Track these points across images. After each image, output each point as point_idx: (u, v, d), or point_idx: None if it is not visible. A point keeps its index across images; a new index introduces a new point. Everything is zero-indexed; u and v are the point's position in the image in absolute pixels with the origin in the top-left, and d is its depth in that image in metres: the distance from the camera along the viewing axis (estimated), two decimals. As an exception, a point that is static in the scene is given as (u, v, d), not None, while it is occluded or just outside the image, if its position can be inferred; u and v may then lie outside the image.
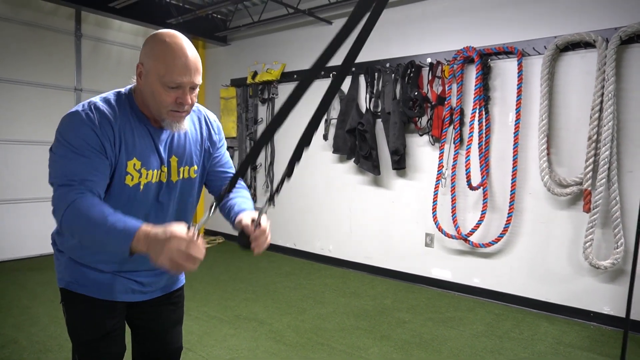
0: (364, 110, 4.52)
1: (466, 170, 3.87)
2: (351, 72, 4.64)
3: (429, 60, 4.11)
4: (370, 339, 3.06)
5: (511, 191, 3.69)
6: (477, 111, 3.81)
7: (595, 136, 3.23)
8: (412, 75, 4.13)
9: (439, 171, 4.03)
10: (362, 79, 4.60)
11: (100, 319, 1.37)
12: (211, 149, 1.47)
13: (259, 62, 5.52)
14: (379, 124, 4.44)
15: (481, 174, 3.82)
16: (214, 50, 6.16)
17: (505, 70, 3.78)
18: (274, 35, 5.47)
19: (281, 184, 1.12)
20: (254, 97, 5.62)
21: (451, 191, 3.97)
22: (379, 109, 4.40)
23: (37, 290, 3.83)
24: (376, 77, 4.44)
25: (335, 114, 4.76)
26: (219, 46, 6.06)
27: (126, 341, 1.49)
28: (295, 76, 5.17)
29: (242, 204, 1.37)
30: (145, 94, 1.26)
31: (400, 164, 4.23)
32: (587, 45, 3.36)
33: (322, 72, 4.57)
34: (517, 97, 3.64)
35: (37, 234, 4.77)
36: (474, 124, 3.83)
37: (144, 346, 1.55)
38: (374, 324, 3.31)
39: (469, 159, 3.89)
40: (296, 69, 5.17)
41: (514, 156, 3.67)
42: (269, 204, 1.16)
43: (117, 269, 1.38)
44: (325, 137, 4.87)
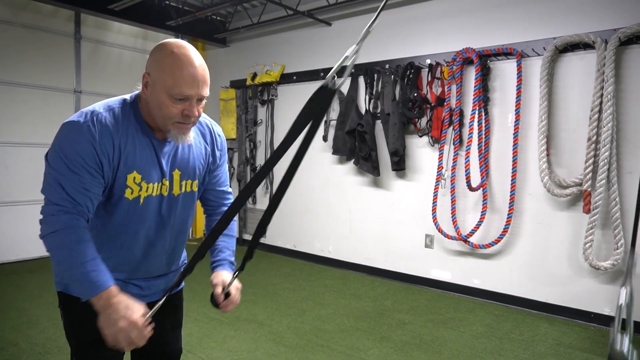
0: (363, 111, 4.52)
1: (466, 171, 3.87)
2: (350, 73, 4.64)
3: (429, 61, 4.11)
4: (370, 340, 3.06)
5: (511, 192, 3.69)
6: (477, 112, 3.81)
7: (594, 137, 3.23)
8: (411, 76, 4.14)
9: (438, 172, 4.03)
10: (361, 80, 4.61)
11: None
12: (212, 165, 1.46)
13: (259, 64, 5.52)
14: (379, 125, 4.44)
15: (481, 175, 3.82)
16: (214, 51, 6.16)
17: (504, 71, 3.78)
18: (273, 36, 5.47)
19: (250, 255, 1.22)
20: (254, 98, 5.63)
21: (451, 192, 3.97)
22: (379, 110, 4.40)
23: (36, 292, 3.83)
24: (375, 78, 4.45)
25: (334, 115, 4.77)
26: (218, 48, 6.06)
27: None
28: (295, 77, 5.18)
29: (224, 252, 1.44)
30: (150, 105, 1.23)
31: (399, 165, 4.23)
32: (586, 46, 3.36)
33: (322, 74, 4.52)
34: (516, 98, 3.64)
35: (36, 236, 4.68)
36: (473, 125, 3.83)
37: (142, 349, 1.53)
38: (373, 325, 3.31)
39: (469, 160, 3.89)
40: (295, 70, 5.18)
41: (513, 157, 3.67)
42: (241, 269, 1.29)
43: (122, 278, 1.37)
44: (324, 138, 4.87)
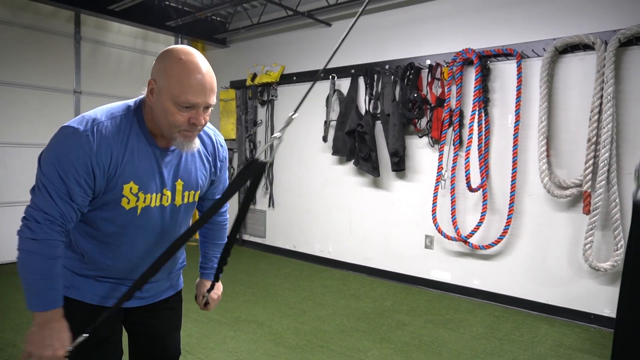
0: (363, 112, 4.52)
1: (466, 172, 3.87)
2: (350, 74, 4.65)
3: (428, 62, 4.11)
4: (370, 341, 3.06)
5: (511, 193, 3.69)
6: (477, 113, 3.81)
7: (594, 138, 3.23)
8: (411, 77, 4.14)
9: (438, 173, 4.02)
10: (361, 81, 4.61)
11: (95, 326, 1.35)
12: (213, 175, 1.46)
13: (258, 64, 5.52)
14: (379, 125, 4.44)
15: (481, 175, 3.82)
16: (213, 52, 6.16)
17: (504, 72, 3.78)
18: (273, 37, 5.47)
19: (221, 271, 1.44)
20: (254, 99, 5.62)
21: (451, 193, 3.97)
22: (379, 111, 4.40)
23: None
24: (375, 79, 4.45)
25: (334, 115, 4.77)
26: (218, 48, 6.06)
27: (123, 345, 1.48)
28: (294, 78, 5.18)
29: (212, 260, 1.59)
30: (156, 112, 1.21)
31: (399, 165, 4.23)
32: (586, 47, 3.36)
33: (322, 74, 4.50)
34: (516, 99, 3.64)
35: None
36: (473, 125, 3.83)
37: (141, 351, 1.53)
38: (373, 326, 3.31)
39: (469, 161, 3.89)
40: (295, 71, 5.18)
41: (513, 158, 3.67)
42: (218, 277, 1.49)
43: (117, 282, 1.36)
44: (324, 138, 4.87)
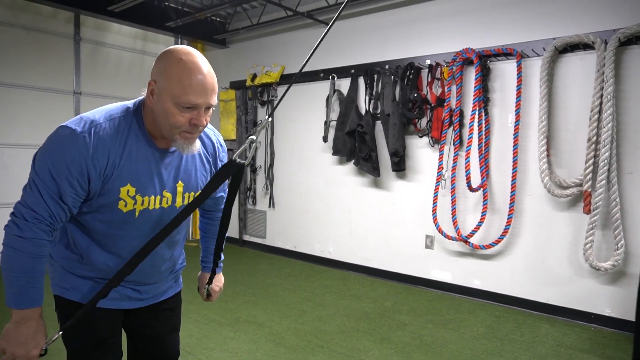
0: (363, 112, 4.51)
1: (466, 171, 3.86)
2: (350, 74, 4.65)
3: (428, 61, 4.11)
4: (370, 341, 3.05)
5: (511, 193, 3.69)
6: (477, 113, 3.81)
7: (594, 137, 3.23)
8: (411, 77, 4.13)
9: (438, 173, 4.02)
10: (361, 81, 4.60)
11: (95, 327, 1.35)
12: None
13: (258, 65, 5.52)
14: (379, 125, 4.44)
15: (481, 175, 3.81)
16: (213, 52, 6.16)
17: (504, 71, 3.78)
18: (272, 37, 5.47)
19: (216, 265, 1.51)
20: (254, 99, 5.62)
21: (451, 193, 3.97)
22: (379, 111, 4.40)
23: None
24: (375, 79, 4.44)
25: (334, 115, 4.77)
26: (218, 49, 6.06)
27: (123, 346, 1.48)
28: (294, 78, 5.17)
29: (212, 253, 1.55)
30: (156, 113, 1.19)
31: (400, 165, 4.23)
32: (585, 46, 3.36)
33: (322, 75, 4.53)
34: (516, 98, 3.64)
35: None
36: (473, 125, 3.83)
37: (140, 353, 1.52)
38: (374, 327, 3.30)
39: (469, 161, 3.89)
40: (295, 71, 5.18)
41: (513, 157, 3.67)
42: (215, 272, 1.56)
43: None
44: (324, 139, 4.87)
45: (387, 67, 4.38)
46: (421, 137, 4.18)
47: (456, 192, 3.96)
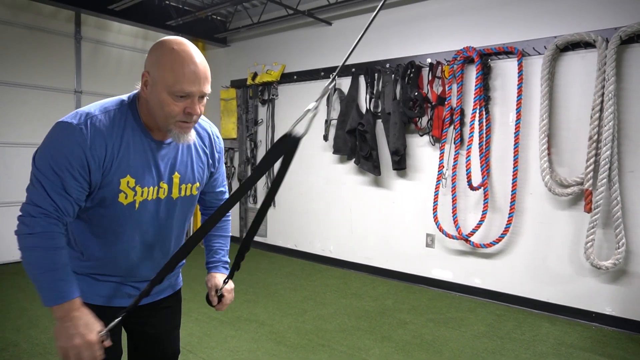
0: (364, 110, 4.51)
1: (467, 170, 3.86)
2: (351, 73, 4.64)
3: (429, 60, 4.10)
4: (371, 340, 3.06)
5: (512, 191, 3.68)
6: (478, 111, 3.81)
7: (596, 136, 3.23)
8: (412, 75, 4.13)
9: (439, 171, 4.02)
10: (362, 80, 4.60)
11: None
12: (212, 167, 1.46)
13: (259, 63, 5.52)
14: (379, 124, 4.44)
15: (482, 174, 3.81)
16: (214, 51, 6.16)
17: (505, 70, 3.77)
18: (273, 36, 5.47)
19: (237, 268, 1.38)
20: (254, 98, 5.62)
21: (452, 191, 3.96)
22: (379, 110, 4.39)
23: (37, 293, 3.82)
24: (376, 77, 4.44)
25: (335, 114, 4.76)
26: (218, 47, 6.06)
27: (123, 345, 1.48)
28: (295, 77, 5.18)
29: (218, 253, 1.52)
30: (151, 104, 1.21)
31: (400, 164, 4.22)
32: (587, 45, 3.36)
33: (322, 73, 4.53)
34: (517, 97, 3.63)
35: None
36: (474, 124, 3.83)
37: (140, 351, 1.52)
38: (375, 325, 3.31)
39: (470, 159, 3.89)
40: (296, 70, 5.17)
41: (514, 156, 3.66)
42: (233, 273, 1.41)
43: (118, 280, 1.36)
44: (325, 137, 4.87)
45: (387, 65, 4.37)
46: (422, 135, 4.18)
47: (457, 191, 3.96)
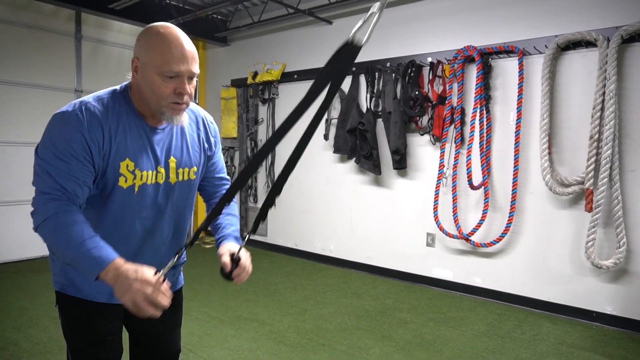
0: (364, 109, 4.51)
1: (467, 169, 3.85)
2: (351, 72, 4.63)
3: (430, 59, 4.10)
4: (371, 339, 3.05)
5: (512, 190, 3.68)
6: (478, 110, 3.80)
7: (596, 135, 3.22)
8: (412, 74, 4.12)
9: (440, 171, 4.02)
10: (362, 79, 4.60)
11: (95, 324, 1.34)
12: (209, 150, 1.47)
13: (259, 63, 5.51)
14: (380, 123, 4.43)
15: (482, 173, 3.81)
16: (214, 50, 6.15)
17: (506, 69, 3.77)
18: (274, 35, 5.46)
19: (257, 225, 1.26)
20: (255, 97, 5.62)
21: (452, 191, 3.96)
22: (380, 109, 4.39)
23: (37, 291, 3.83)
24: (376, 76, 4.43)
25: (335, 113, 4.76)
26: (219, 47, 6.05)
27: (124, 343, 1.48)
28: (295, 76, 5.17)
29: (227, 228, 1.42)
30: (142, 88, 1.23)
31: (401, 163, 4.22)
32: (588, 44, 3.35)
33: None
34: (518, 96, 3.63)
35: (37, 236, 4.71)
36: (474, 123, 3.82)
37: (140, 350, 1.52)
38: (375, 325, 3.30)
39: (470, 159, 3.88)
40: (296, 69, 5.17)
41: (515, 155, 3.66)
42: (248, 237, 1.30)
43: None
44: (326, 137, 4.86)
45: (388, 64, 4.37)
46: (422, 135, 4.17)
47: (457, 190, 3.96)
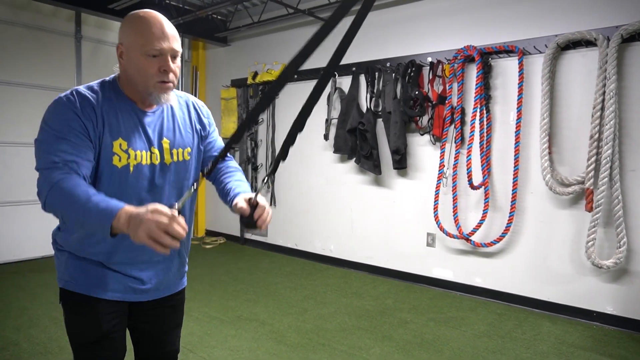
0: (364, 109, 4.51)
1: (467, 169, 3.85)
2: (351, 72, 4.63)
3: (430, 59, 4.10)
4: (371, 339, 3.05)
5: (513, 190, 3.68)
6: (478, 110, 3.80)
7: (597, 135, 3.22)
8: (412, 74, 4.12)
9: (440, 170, 4.01)
10: (362, 79, 4.59)
11: (99, 320, 1.35)
12: (202, 131, 1.50)
13: (259, 63, 5.51)
14: (380, 123, 4.43)
15: (482, 173, 3.81)
16: (214, 50, 6.15)
17: (506, 69, 3.76)
18: (274, 35, 5.46)
19: (277, 165, 1.25)
20: (255, 97, 5.62)
21: (452, 190, 3.96)
22: (380, 109, 4.39)
23: (37, 292, 3.83)
24: (377, 76, 4.43)
25: (335, 113, 4.76)
26: (219, 47, 6.05)
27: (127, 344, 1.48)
28: (296, 76, 5.16)
29: (237, 188, 1.41)
30: (129, 72, 1.28)
31: (401, 163, 4.22)
32: (588, 43, 3.35)
33: (323, 73, 4.44)
34: (518, 95, 3.63)
35: (37, 236, 4.77)
36: (475, 123, 3.82)
37: (140, 348, 1.53)
38: (375, 324, 3.30)
39: (470, 158, 3.88)
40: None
41: (515, 155, 3.66)
42: (265, 183, 1.30)
43: (120, 268, 1.36)
44: (326, 137, 4.86)
45: (388, 64, 4.37)
46: (422, 134, 4.17)
47: (457, 190, 3.95)
